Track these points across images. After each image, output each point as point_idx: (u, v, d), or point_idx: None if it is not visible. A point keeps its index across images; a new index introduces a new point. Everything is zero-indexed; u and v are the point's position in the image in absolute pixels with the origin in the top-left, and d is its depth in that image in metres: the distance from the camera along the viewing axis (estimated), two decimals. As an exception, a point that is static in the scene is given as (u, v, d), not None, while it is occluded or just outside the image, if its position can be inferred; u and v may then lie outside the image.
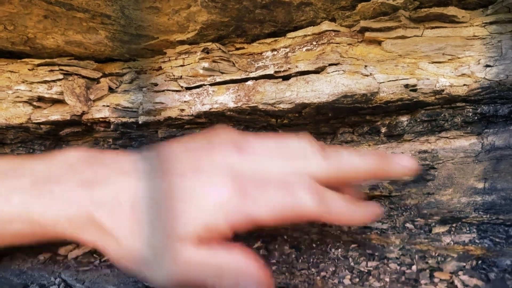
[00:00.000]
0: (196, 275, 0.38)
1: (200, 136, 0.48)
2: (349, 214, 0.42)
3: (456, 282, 0.41)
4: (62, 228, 0.42)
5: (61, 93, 0.66)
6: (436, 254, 0.48)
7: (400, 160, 0.46)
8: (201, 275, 0.38)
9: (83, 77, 0.68)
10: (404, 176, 0.52)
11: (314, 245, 0.53)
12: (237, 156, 0.43)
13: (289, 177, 0.41)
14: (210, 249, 0.39)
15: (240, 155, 0.43)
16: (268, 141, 0.46)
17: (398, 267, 0.46)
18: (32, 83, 0.67)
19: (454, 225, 0.53)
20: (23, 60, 0.68)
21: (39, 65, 0.67)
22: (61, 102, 0.68)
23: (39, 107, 0.69)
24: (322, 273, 0.45)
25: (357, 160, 0.44)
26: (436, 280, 0.43)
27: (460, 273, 0.43)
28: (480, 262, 0.45)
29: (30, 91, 0.67)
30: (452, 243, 0.49)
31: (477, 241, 0.49)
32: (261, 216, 0.39)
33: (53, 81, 0.66)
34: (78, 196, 0.42)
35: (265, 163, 0.42)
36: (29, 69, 0.68)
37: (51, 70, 0.67)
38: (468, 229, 0.52)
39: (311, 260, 0.49)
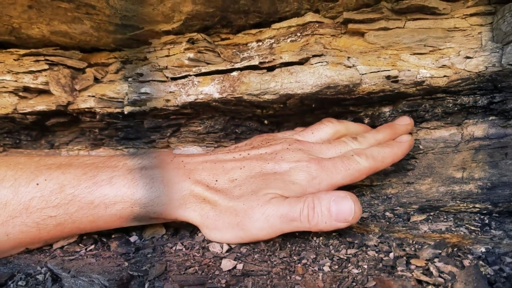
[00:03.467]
0: (293, 211, 0.48)
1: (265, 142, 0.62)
2: (392, 156, 0.56)
3: (432, 268, 0.43)
4: (162, 206, 0.50)
5: (47, 83, 0.66)
6: (413, 242, 0.49)
7: (401, 121, 0.61)
8: (297, 210, 0.48)
9: (69, 67, 0.68)
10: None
11: (297, 233, 0.54)
12: (301, 145, 0.58)
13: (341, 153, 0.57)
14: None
15: (302, 144, 0.58)
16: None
17: (376, 255, 0.47)
18: (17, 73, 0.67)
19: (431, 213, 0.55)
20: (8, 50, 0.68)
21: (24, 55, 0.67)
22: (47, 92, 0.68)
23: (25, 97, 0.69)
24: (303, 261, 0.47)
25: (379, 135, 0.60)
26: (412, 267, 0.44)
27: (436, 260, 0.45)
28: (455, 249, 0.47)
29: (16, 81, 0.67)
30: (429, 231, 0.51)
31: (453, 229, 0.51)
32: (338, 180, 0.53)
33: (39, 71, 0.66)
34: (180, 176, 0.52)
35: (322, 149, 0.58)
36: (14, 59, 0.68)
37: (37, 60, 0.67)
38: (445, 217, 0.54)
39: (293, 248, 0.50)
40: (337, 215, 0.47)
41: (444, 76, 0.57)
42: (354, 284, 0.41)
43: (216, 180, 0.52)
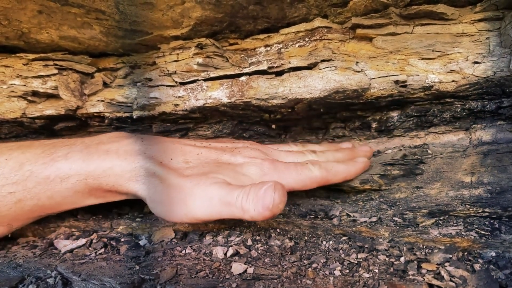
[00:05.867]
0: (231, 195, 0.48)
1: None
2: (344, 172, 0.59)
3: (443, 273, 0.43)
4: (115, 177, 0.51)
5: (56, 87, 0.66)
6: (424, 246, 0.49)
7: (362, 148, 0.66)
8: (234, 194, 0.48)
9: (78, 72, 0.68)
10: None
11: (306, 237, 0.54)
12: (262, 148, 0.61)
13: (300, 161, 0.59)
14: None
15: (262, 148, 0.60)
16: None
17: (387, 259, 0.47)
18: (26, 77, 0.67)
19: (441, 218, 0.55)
20: (18, 54, 0.69)
21: (33, 60, 0.67)
22: (55, 97, 0.68)
23: (33, 101, 0.69)
24: (314, 265, 0.47)
25: (338, 155, 0.64)
26: (423, 271, 0.44)
27: (447, 264, 0.45)
28: (466, 253, 0.47)
29: (25, 85, 0.67)
30: (439, 235, 0.50)
31: (463, 233, 0.50)
32: (288, 182, 0.54)
33: (48, 76, 0.67)
34: (135, 150, 0.53)
35: (280, 155, 0.61)
36: (23, 64, 0.68)
37: (46, 65, 0.67)
38: (455, 222, 0.54)
39: (303, 252, 0.50)
40: (263, 203, 0.45)
41: (453, 81, 0.57)
42: (366, 288, 0.41)
43: (171, 159, 0.54)
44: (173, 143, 0.57)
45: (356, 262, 0.47)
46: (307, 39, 0.63)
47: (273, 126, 0.69)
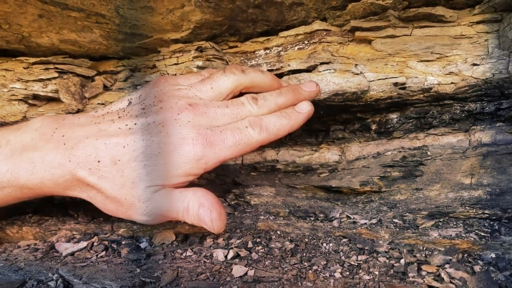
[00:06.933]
0: (173, 212, 0.50)
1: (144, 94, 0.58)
2: (286, 128, 0.56)
3: (443, 274, 0.43)
4: (49, 189, 0.51)
5: (56, 91, 0.67)
6: (424, 248, 0.49)
7: (307, 86, 0.60)
8: (174, 211, 0.50)
9: (78, 75, 0.68)
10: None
11: (306, 240, 0.54)
12: (192, 112, 0.53)
13: (236, 121, 0.55)
14: (183, 191, 0.51)
15: (195, 111, 0.54)
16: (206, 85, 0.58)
17: (387, 261, 0.47)
18: (27, 81, 0.67)
19: (441, 219, 0.55)
20: (18, 58, 0.69)
21: (34, 63, 0.68)
22: (56, 100, 0.68)
23: (34, 105, 0.69)
24: (314, 267, 0.47)
25: (281, 99, 0.58)
26: (423, 273, 0.44)
27: (447, 266, 0.45)
28: (466, 255, 0.47)
29: (25, 89, 0.67)
30: (439, 237, 0.51)
31: (463, 235, 0.51)
32: (226, 156, 0.52)
33: (48, 79, 0.67)
34: (59, 159, 0.50)
35: (216, 115, 0.55)
36: (24, 68, 0.68)
37: (46, 69, 0.67)
38: (454, 223, 0.54)
39: (304, 254, 0.50)
40: (205, 222, 0.50)
41: (452, 83, 0.57)
42: (366, 290, 0.41)
43: (99, 161, 0.50)
44: (96, 138, 0.52)
45: (356, 264, 0.47)
46: (306, 42, 0.63)
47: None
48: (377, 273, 0.45)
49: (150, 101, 0.56)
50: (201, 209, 0.50)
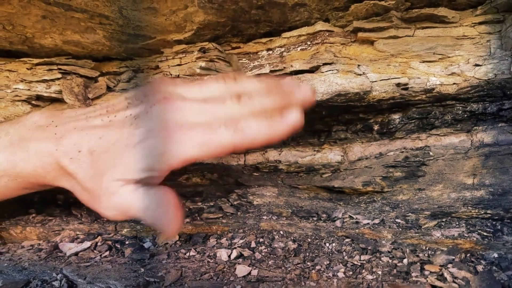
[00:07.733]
0: (132, 209, 0.48)
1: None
2: (265, 134, 0.48)
3: (446, 274, 0.43)
4: (41, 177, 0.52)
5: (60, 92, 0.67)
6: (427, 248, 0.50)
7: (301, 90, 0.51)
8: (135, 208, 0.48)
9: (81, 76, 0.68)
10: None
11: (309, 240, 0.54)
12: (164, 106, 0.50)
13: (212, 119, 0.49)
14: (146, 189, 0.48)
15: (168, 104, 0.50)
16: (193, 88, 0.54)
17: (390, 261, 0.48)
18: (30, 82, 0.68)
19: (444, 219, 0.55)
20: (22, 59, 0.69)
21: (37, 64, 0.68)
22: (59, 101, 0.68)
23: (37, 105, 0.70)
24: (317, 267, 0.47)
25: (268, 101, 0.51)
26: (426, 272, 0.44)
27: (450, 265, 0.45)
28: (468, 255, 0.47)
29: (29, 90, 0.68)
30: (442, 237, 0.51)
31: (465, 235, 0.51)
32: (193, 154, 0.48)
33: (52, 80, 0.67)
34: (50, 148, 0.51)
35: (192, 111, 0.50)
36: (27, 68, 0.68)
37: (50, 69, 0.68)
38: (457, 223, 0.54)
39: (307, 254, 0.50)
40: (157, 223, 0.47)
41: (454, 83, 0.58)
42: (369, 289, 0.41)
43: (79, 151, 0.51)
44: (82, 129, 0.52)
45: (359, 264, 0.47)
46: (309, 43, 0.63)
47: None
48: (380, 272, 0.45)
49: (138, 97, 0.55)
50: (158, 209, 0.48)
